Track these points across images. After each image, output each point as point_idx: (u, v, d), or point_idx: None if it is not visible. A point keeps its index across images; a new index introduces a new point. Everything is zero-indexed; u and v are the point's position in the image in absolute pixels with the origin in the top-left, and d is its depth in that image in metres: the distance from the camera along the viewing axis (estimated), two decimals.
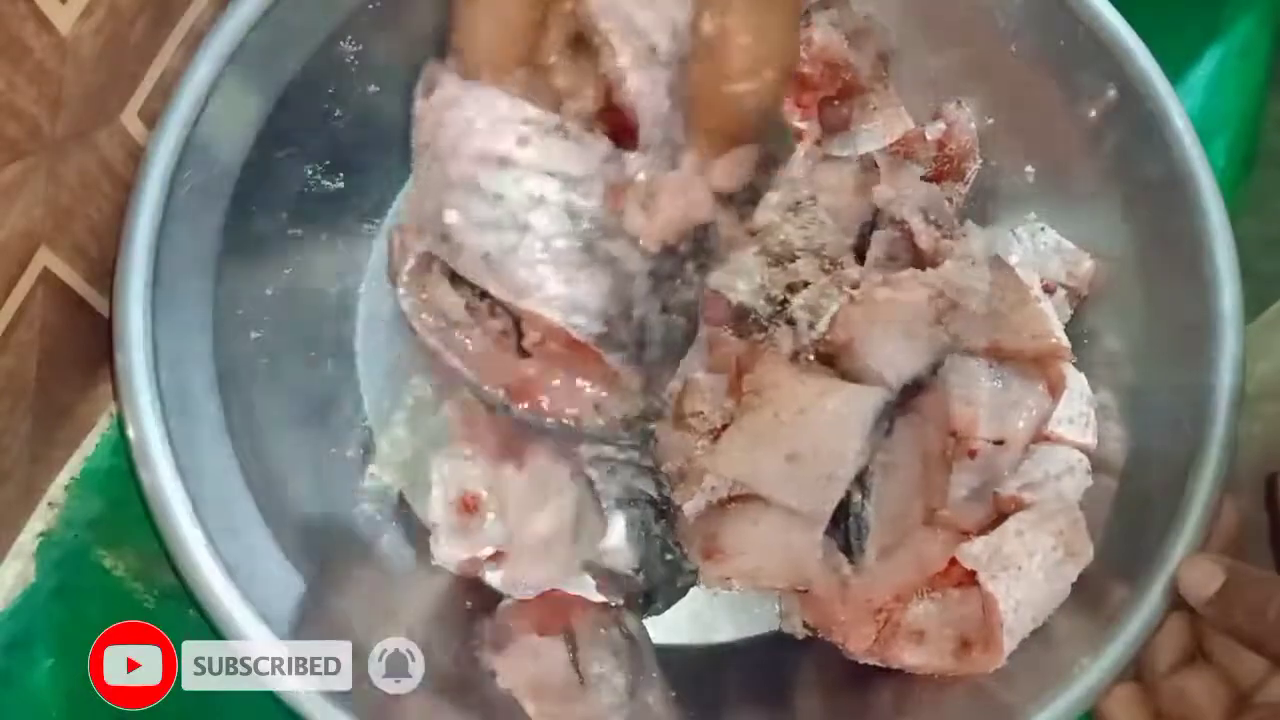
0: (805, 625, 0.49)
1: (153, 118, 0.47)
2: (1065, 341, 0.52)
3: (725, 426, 0.48)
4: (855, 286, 0.49)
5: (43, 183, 0.42)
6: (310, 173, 0.51)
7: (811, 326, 0.48)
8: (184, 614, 0.48)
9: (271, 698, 0.42)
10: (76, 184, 0.45)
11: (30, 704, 0.47)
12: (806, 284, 0.49)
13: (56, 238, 0.45)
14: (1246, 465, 0.58)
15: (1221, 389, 0.49)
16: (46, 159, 0.42)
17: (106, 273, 0.46)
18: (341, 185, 0.52)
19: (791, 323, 0.49)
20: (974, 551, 0.47)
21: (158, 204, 0.45)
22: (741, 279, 0.49)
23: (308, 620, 0.43)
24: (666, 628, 0.51)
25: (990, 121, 0.57)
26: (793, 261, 0.50)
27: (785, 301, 0.49)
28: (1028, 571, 0.47)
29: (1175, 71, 0.54)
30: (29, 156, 0.41)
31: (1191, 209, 0.52)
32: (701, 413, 0.47)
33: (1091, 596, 0.47)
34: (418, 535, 0.51)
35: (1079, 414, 0.51)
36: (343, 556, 0.48)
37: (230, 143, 0.47)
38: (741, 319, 0.50)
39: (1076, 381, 0.51)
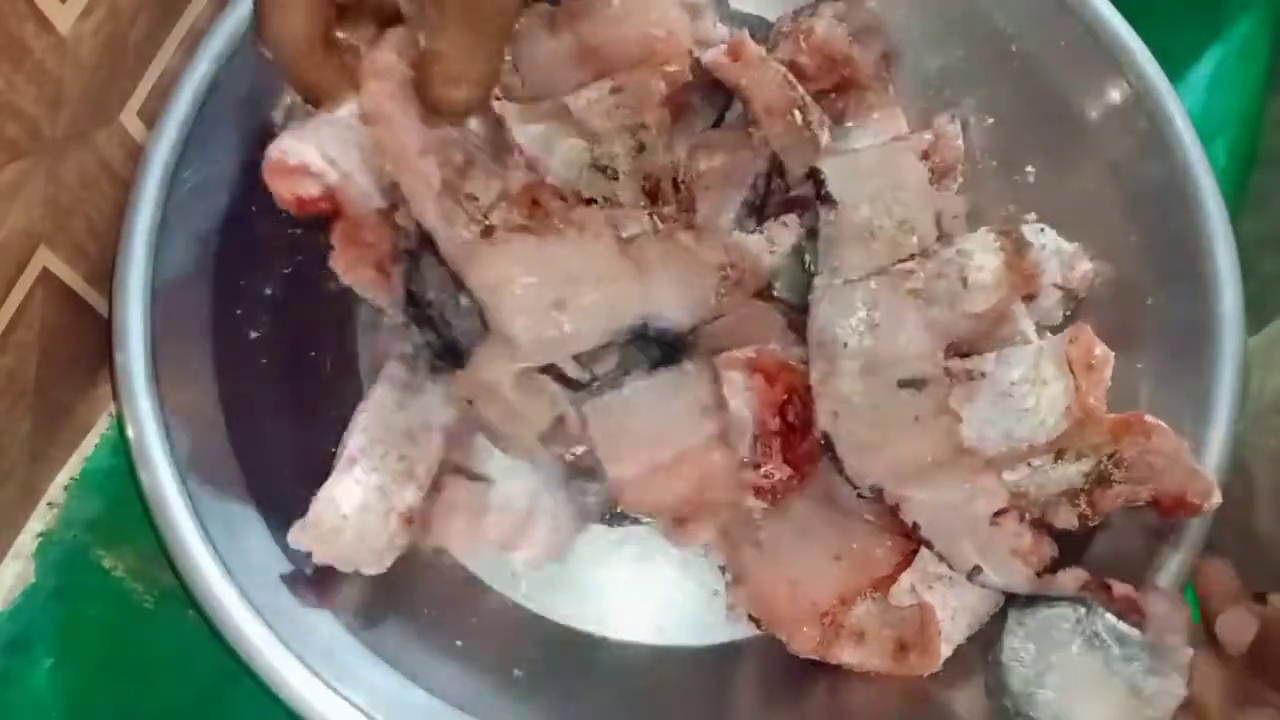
0: (750, 617, 0.49)
1: (152, 117, 0.47)
2: None
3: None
4: (665, 220, 0.49)
5: (42, 182, 0.42)
6: None
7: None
8: (184, 614, 0.48)
9: (272, 698, 0.42)
10: (76, 184, 0.45)
11: (30, 704, 0.47)
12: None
13: (56, 237, 0.45)
14: (1265, 480, 0.59)
15: (1222, 389, 0.49)
16: (46, 159, 0.42)
17: (106, 273, 0.46)
18: None
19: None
20: (904, 589, 0.48)
21: (157, 204, 0.45)
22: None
23: (307, 620, 0.43)
24: (662, 628, 0.51)
25: (990, 121, 0.57)
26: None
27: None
28: (959, 579, 0.48)
29: (1175, 71, 0.54)
30: (29, 156, 0.41)
31: (1192, 209, 0.52)
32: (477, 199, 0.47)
33: None
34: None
35: None
36: None
37: (229, 142, 0.47)
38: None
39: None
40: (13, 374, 0.44)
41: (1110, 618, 0.44)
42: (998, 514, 0.46)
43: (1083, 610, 0.44)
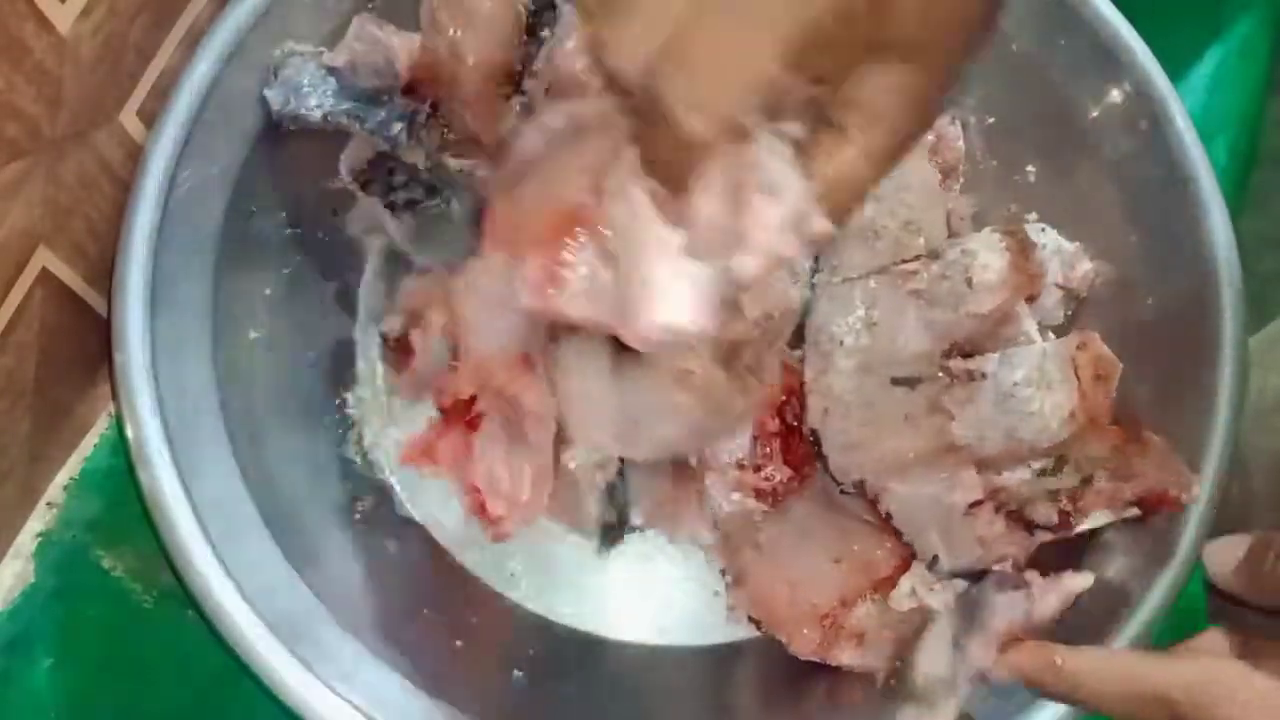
0: (750, 619, 0.49)
1: (151, 117, 0.47)
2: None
3: None
4: None
5: (42, 182, 0.42)
6: (310, 171, 0.51)
7: None
8: (183, 614, 0.48)
9: (272, 698, 0.42)
10: (75, 184, 0.45)
11: (30, 704, 0.47)
12: None
13: (55, 237, 0.45)
14: (1264, 480, 0.58)
15: (1222, 389, 0.49)
16: (46, 159, 0.42)
17: (105, 272, 0.46)
18: (341, 184, 0.52)
19: None
20: (904, 592, 0.48)
21: (156, 203, 0.45)
22: None
23: (307, 620, 0.43)
24: (662, 628, 0.51)
25: (990, 121, 0.57)
26: None
27: None
28: (958, 581, 0.48)
29: (1175, 71, 0.54)
30: (28, 156, 0.41)
31: (1192, 209, 0.52)
32: None
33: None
34: (415, 532, 0.51)
35: None
36: (342, 555, 0.48)
37: (229, 142, 0.47)
38: None
39: None
40: (12, 374, 0.44)
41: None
42: (973, 505, 0.46)
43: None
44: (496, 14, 0.47)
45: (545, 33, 0.48)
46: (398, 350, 0.50)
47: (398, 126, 0.47)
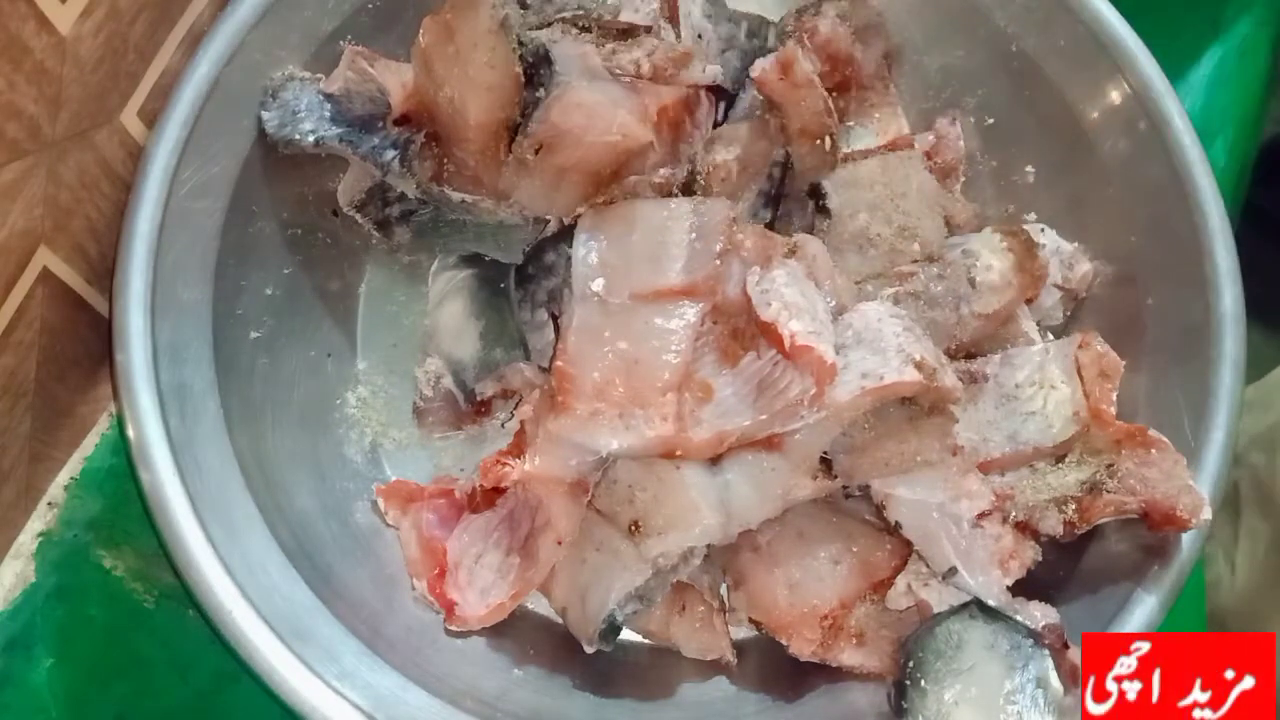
0: (750, 620, 0.49)
1: (152, 117, 0.47)
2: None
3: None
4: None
5: (42, 182, 0.42)
6: (310, 171, 0.51)
7: None
8: (184, 614, 0.48)
9: (272, 698, 0.42)
10: (76, 184, 0.45)
11: (30, 704, 0.47)
12: None
13: (56, 237, 0.45)
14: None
15: (1222, 389, 0.49)
16: (46, 159, 0.42)
17: (106, 272, 0.46)
18: (341, 184, 0.52)
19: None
20: (900, 590, 0.48)
21: (157, 204, 0.45)
22: None
23: (307, 620, 0.43)
24: None
25: (990, 121, 0.57)
26: None
27: None
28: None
29: (1175, 71, 0.54)
30: (29, 156, 0.41)
31: (1191, 209, 0.52)
32: None
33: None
34: None
35: None
36: (342, 555, 0.48)
37: (229, 142, 0.47)
38: None
39: None
40: (13, 374, 0.44)
41: (1049, 664, 0.43)
42: (980, 516, 0.46)
43: (1030, 642, 0.44)
44: (497, 81, 0.47)
45: (540, 92, 0.48)
46: (474, 407, 0.51)
47: (390, 154, 0.48)
